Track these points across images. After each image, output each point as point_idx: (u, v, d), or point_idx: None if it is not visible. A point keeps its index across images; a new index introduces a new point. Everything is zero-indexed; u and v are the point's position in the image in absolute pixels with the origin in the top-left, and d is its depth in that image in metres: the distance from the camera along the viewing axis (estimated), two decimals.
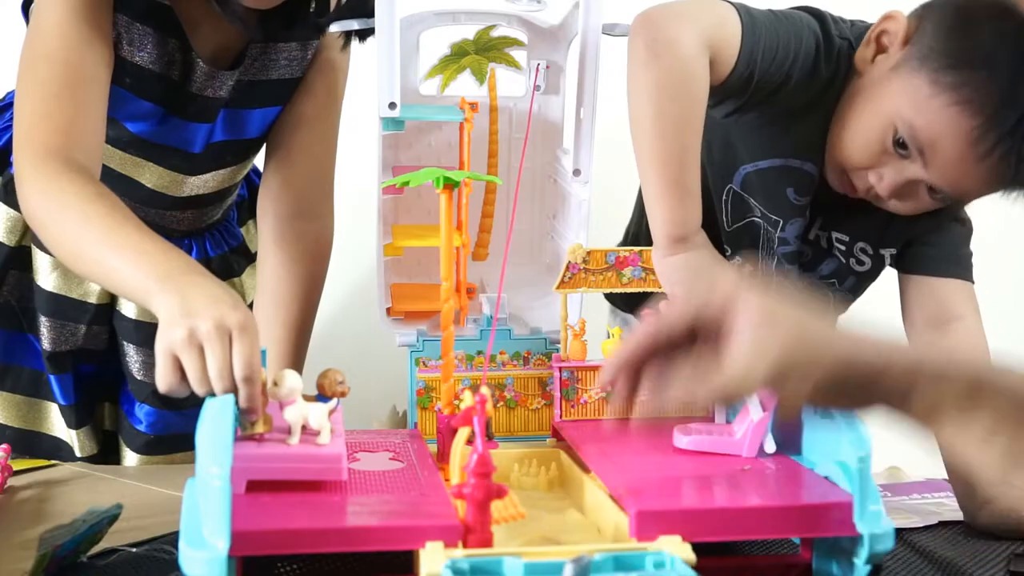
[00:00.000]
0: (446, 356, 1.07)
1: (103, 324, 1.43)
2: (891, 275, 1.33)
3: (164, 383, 0.95)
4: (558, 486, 1.09)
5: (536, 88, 1.24)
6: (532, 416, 1.17)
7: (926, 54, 1.13)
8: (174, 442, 1.44)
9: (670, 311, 1.09)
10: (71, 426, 1.42)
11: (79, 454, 1.42)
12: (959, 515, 1.17)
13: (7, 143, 1.40)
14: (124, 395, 1.46)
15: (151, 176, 1.36)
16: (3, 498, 1.16)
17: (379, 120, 1.15)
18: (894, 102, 1.14)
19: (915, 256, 1.30)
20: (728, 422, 1.07)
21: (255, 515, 0.83)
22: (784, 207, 1.27)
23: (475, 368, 1.16)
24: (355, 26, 1.24)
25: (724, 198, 1.29)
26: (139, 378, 1.43)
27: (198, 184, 1.40)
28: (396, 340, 1.17)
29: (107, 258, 1.05)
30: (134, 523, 1.05)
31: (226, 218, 1.51)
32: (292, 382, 0.94)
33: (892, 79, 1.15)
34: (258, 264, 1.42)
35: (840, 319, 1.44)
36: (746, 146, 1.26)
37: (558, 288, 1.14)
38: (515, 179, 1.20)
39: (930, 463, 1.31)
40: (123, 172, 1.35)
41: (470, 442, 0.85)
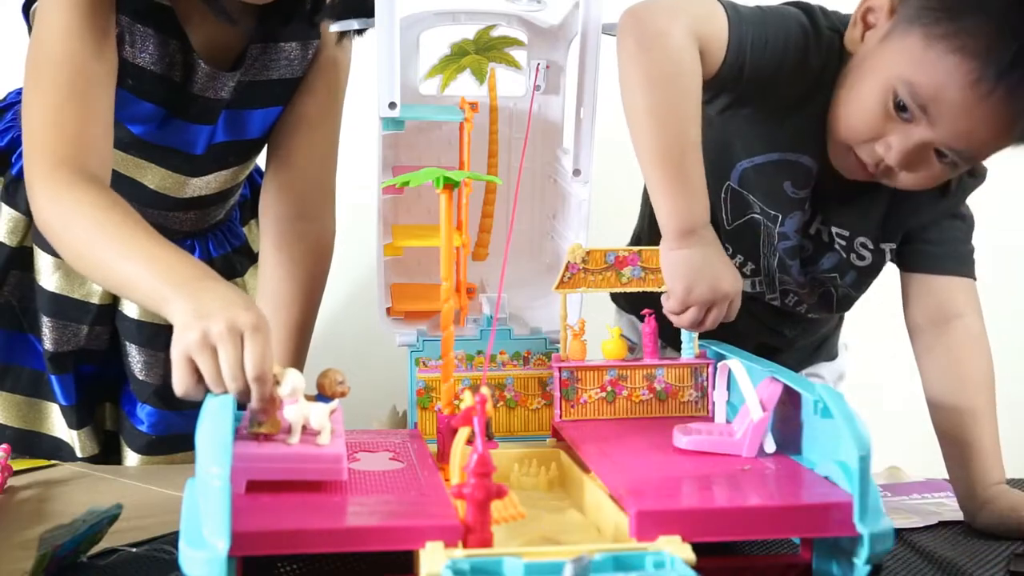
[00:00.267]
0: (446, 356, 1.07)
1: (105, 324, 1.43)
2: (894, 272, 1.33)
3: (181, 387, 0.96)
4: (558, 486, 1.09)
5: (536, 88, 1.24)
6: (532, 416, 1.17)
7: (915, 14, 1.13)
8: (175, 442, 1.44)
9: (669, 306, 1.11)
10: (72, 426, 1.42)
11: (80, 454, 1.42)
12: (959, 515, 1.17)
13: (8, 144, 1.40)
14: (125, 395, 1.46)
15: (153, 177, 1.36)
16: (3, 498, 1.16)
17: (379, 120, 1.15)
18: (889, 66, 1.14)
19: (916, 253, 1.30)
20: (728, 422, 1.07)
21: (255, 515, 0.83)
22: (782, 201, 1.26)
23: (475, 368, 1.16)
24: (355, 26, 1.24)
25: (723, 196, 1.28)
26: (141, 378, 1.43)
27: (200, 185, 1.39)
28: (396, 340, 1.17)
29: (121, 265, 1.06)
30: (134, 523, 1.06)
31: (229, 218, 1.51)
32: (294, 381, 0.94)
33: (884, 47, 1.15)
34: (259, 264, 1.42)
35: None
36: (742, 142, 1.25)
37: (557, 288, 1.14)
38: (515, 179, 1.20)
39: (930, 463, 1.31)
40: (125, 173, 1.35)
41: (470, 442, 0.85)
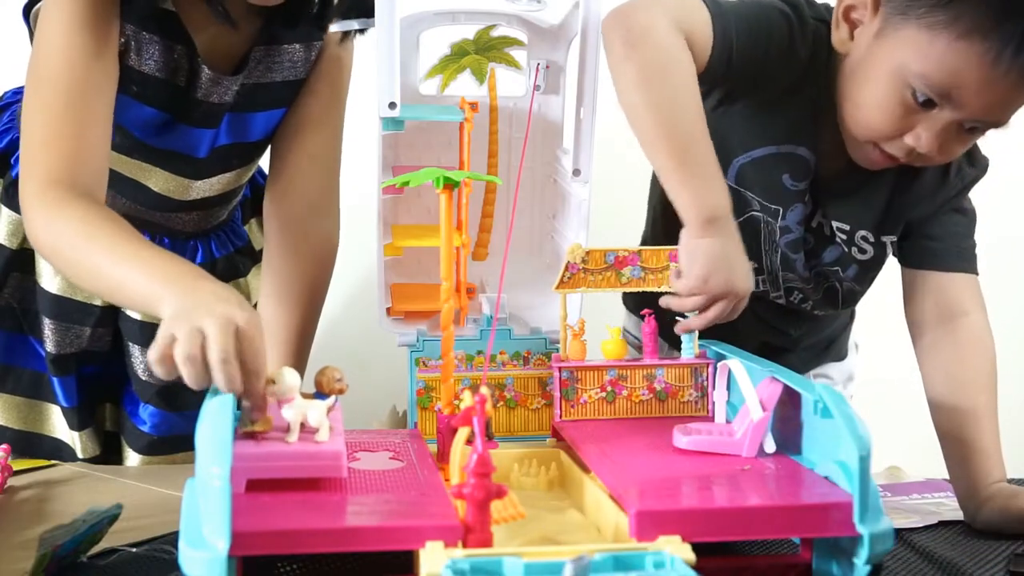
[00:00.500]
0: (446, 356, 1.07)
1: (108, 326, 1.43)
2: (895, 269, 1.33)
3: (157, 355, 0.94)
4: (558, 486, 1.09)
5: (536, 88, 1.24)
6: (532, 416, 1.17)
7: (903, 6, 1.12)
8: (177, 442, 1.44)
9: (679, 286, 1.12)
10: (73, 428, 1.42)
11: (81, 456, 1.42)
12: (959, 515, 1.17)
13: (7, 146, 1.40)
14: (127, 396, 1.46)
15: (157, 180, 1.36)
16: (3, 498, 1.16)
17: (379, 120, 1.15)
18: (895, 63, 1.13)
19: (917, 249, 1.29)
20: (728, 422, 1.07)
21: (255, 515, 0.83)
22: (782, 195, 1.27)
23: (475, 368, 1.16)
24: (355, 26, 1.24)
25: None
26: (144, 378, 1.42)
27: (204, 188, 1.39)
28: (396, 340, 1.17)
29: (114, 271, 1.06)
30: (134, 523, 1.06)
31: (231, 218, 1.51)
32: (290, 380, 0.94)
33: (882, 44, 1.15)
34: (263, 265, 1.42)
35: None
36: (737, 138, 1.25)
37: (557, 288, 1.14)
38: (515, 179, 1.20)
39: (930, 463, 1.31)
40: (129, 176, 1.35)
41: (470, 442, 0.85)
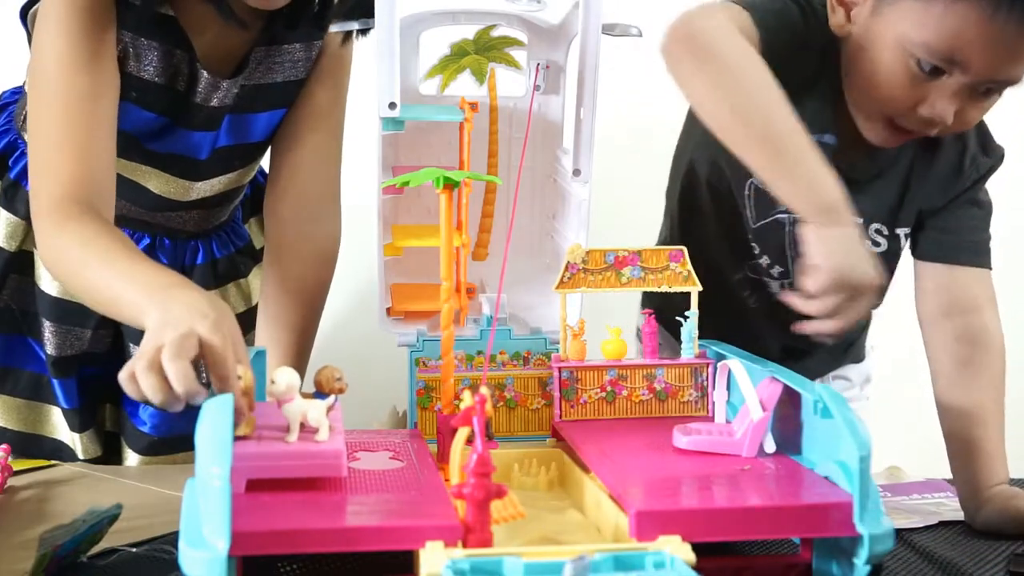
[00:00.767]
0: (446, 356, 1.07)
1: (108, 327, 1.42)
2: (905, 269, 1.32)
3: (124, 374, 0.99)
4: (558, 486, 1.09)
5: (536, 88, 1.24)
6: (532, 416, 1.17)
7: None
8: (177, 443, 1.43)
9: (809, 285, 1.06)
10: (75, 429, 1.41)
11: (82, 457, 1.42)
12: (959, 515, 1.17)
13: (5, 147, 1.39)
14: (127, 396, 1.45)
15: (158, 182, 1.36)
16: (3, 498, 1.16)
17: (379, 120, 1.15)
18: (896, 35, 1.13)
19: (929, 241, 1.28)
20: (728, 422, 1.07)
21: (255, 515, 0.83)
22: None
23: (475, 368, 1.15)
24: (355, 26, 1.24)
25: (746, 193, 1.29)
26: None
27: (205, 188, 1.39)
28: (396, 340, 1.17)
29: (110, 289, 1.09)
30: (134, 523, 1.06)
31: (232, 218, 1.51)
32: (289, 379, 0.94)
33: (879, 20, 1.15)
34: (264, 265, 1.42)
35: None
36: None
37: (557, 288, 1.14)
38: (515, 179, 1.20)
39: (930, 463, 1.31)
40: (130, 178, 1.35)
41: (470, 442, 0.85)
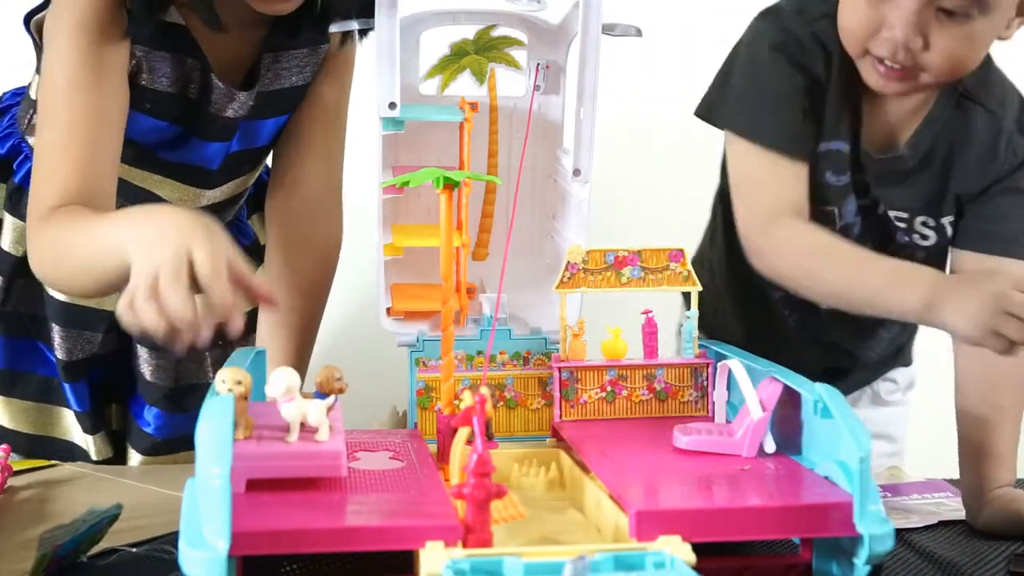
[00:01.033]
0: (446, 356, 1.07)
1: (119, 329, 1.41)
2: None
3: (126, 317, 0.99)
4: (558, 486, 1.09)
5: (536, 88, 1.24)
6: (532, 416, 1.17)
7: None
8: (180, 444, 1.43)
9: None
10: (88, 432, 1.41)
11: (95, 458, 1.41)
12: (959, 515, 1.17)
13: (9, 150, 1.39)
14: (132, 397, 1.46)
15: (170, 190, 1.36)
16: (3, 498, 1.16)
17: (379, 120, 1.15)
18: None
19: (966, 231, 1.27)
20: (728, 422, 1.07)
21: (255, 515, 0.83)
22: (831, 193, 1.28)
23: (475, 368, 1.15)
24: (355, 26, 1.23)
25: None
26: (151, 380, 1.42)
27: (215, 195, 1.40)
28: (396, 340, 1.17)
29: (88, 249, 1.09)
30: (134, 523, 1.06)
31: (238, 216, 1.51)
32: (289, 380, 0.94)
33: None
34: (266, 264, 1.41)
35: None
36: None
37: (557, 288, 1.14)
38: (515, 179, 1.20)
39: (930, 463, 1.31)
40: (142, 186, 1.35)
41: (470, 442, 0.85)
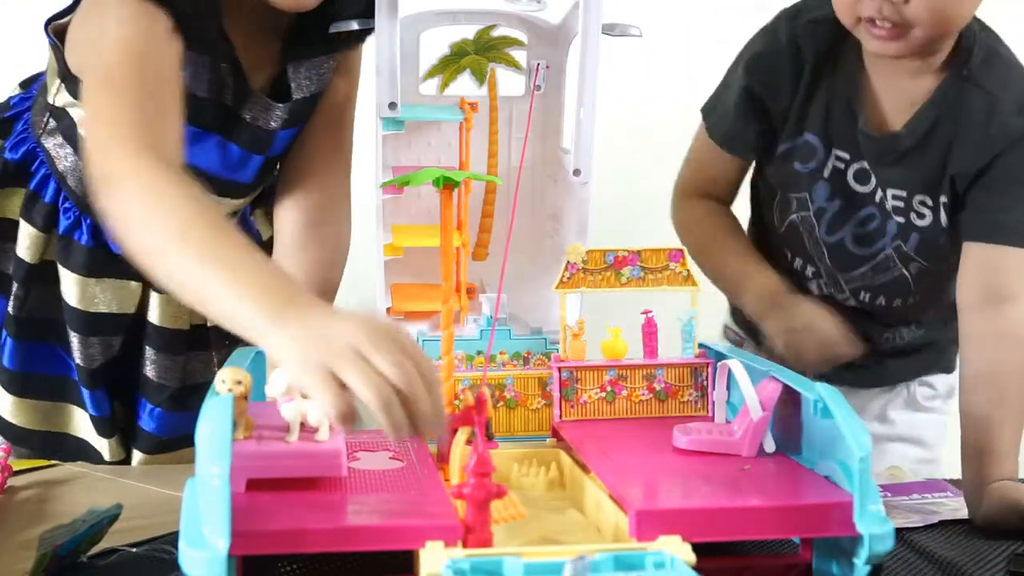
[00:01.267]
0: (446, 356, 1.07)
1: (131, 332, 1.40)
2: None
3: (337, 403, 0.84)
4: (558, 486, 1.09)
5: (536, 88, 1.24)
6: (532, 416, 1.17)
7: None
8: (182, 444, 1.42)
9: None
10: (104, 435, 1.40)
11: (108, 459, 1.40)
12: (959, 515, 1.17)
13: (24, 156, 1.37)
14: (135, 396, 1.45)
15: None
16: (3, 498, 1.16)
17: (379, 120, 1.15)
18: None
19: (969, 220, 1.25)
20: (728, 422, 1.07)
21: (255, 514, 0.83)
22: (801, 180, 1.33)
23: (475, 368, 1.15)
24: (355, 26, 1.23)
25: (775, 203, 1.39)
26: (156, 381, 1.41)
27: (236, 204, 1.40)
28: None
29: (206, 283, 0.95)
30: (134, 523, 1.06)
31: (242, 215, 1.51)
32: (289, 379, 0.94)
33: None
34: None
35: None
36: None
37: (557, 288, 1.14)
38: (515, 179, 1.20)
39: (928, 463, 1.31)
40: None
41: (470, 442, 0.85)
